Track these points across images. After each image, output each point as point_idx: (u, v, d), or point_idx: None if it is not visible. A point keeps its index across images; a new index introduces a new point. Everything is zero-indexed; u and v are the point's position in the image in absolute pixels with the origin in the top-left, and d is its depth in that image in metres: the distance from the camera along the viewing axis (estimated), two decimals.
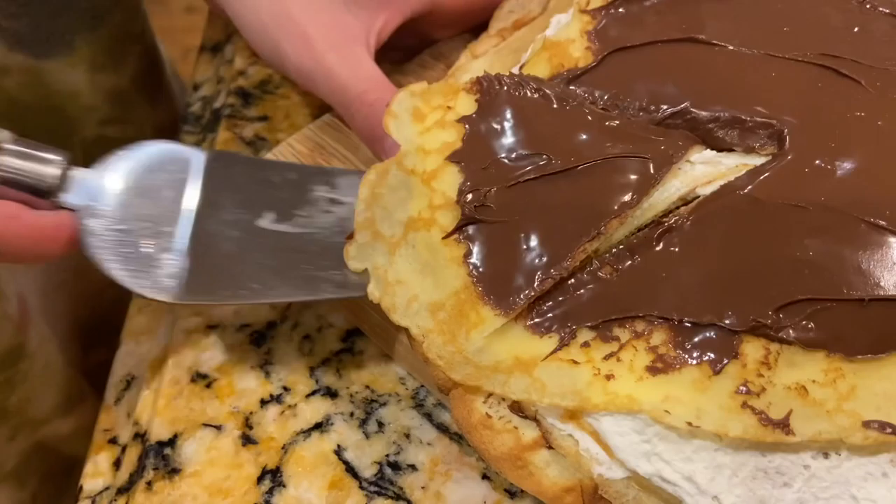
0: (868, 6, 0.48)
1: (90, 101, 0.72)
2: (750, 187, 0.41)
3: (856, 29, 0.47)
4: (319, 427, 0.47)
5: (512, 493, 0.44)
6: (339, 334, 0.51)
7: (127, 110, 0.75)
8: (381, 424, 0.47)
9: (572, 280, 0.41)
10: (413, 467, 0.45)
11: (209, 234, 0.45)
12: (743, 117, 0.44)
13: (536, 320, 0.40)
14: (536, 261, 0.41)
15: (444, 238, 0.42)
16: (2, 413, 0.71)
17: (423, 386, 0.48)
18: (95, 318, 0.76)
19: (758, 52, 0.46)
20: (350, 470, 0.45)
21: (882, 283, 0.38)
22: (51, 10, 0.66)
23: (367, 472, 0.45)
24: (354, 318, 0.50)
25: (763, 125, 0.43)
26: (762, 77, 0.45)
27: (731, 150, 0.44)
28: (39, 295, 0.74)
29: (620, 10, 0.48)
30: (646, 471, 0.38)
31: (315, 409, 0.48)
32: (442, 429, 0.47)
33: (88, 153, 0.68)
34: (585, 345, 0.39)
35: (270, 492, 0.45)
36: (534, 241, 0.41)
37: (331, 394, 0.48)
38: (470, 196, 0.43)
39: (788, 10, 0.47)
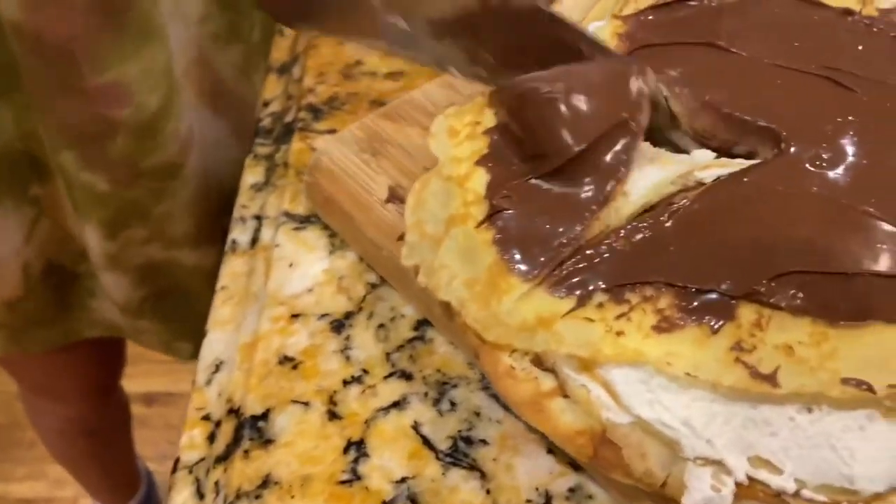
0: (875, 29, 0.53)
1: None
2: (750, 176, 0.47)
3: (860, 47, 0.52)
4: (397, 405, 0.52)
5: (575, 466, 0.48)
6: (411, 324, 0.56)
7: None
8: (453, 404, 0.51)
9: (590, 251, 0.46)
10: (484, 441, 0.50)
11: None
12: (748, 119, 0.49)
13: (558, 284, 0.46)
14: (554, 233, 0.47)
15: (476, 226, 0.48)
16: (144, 215, 0.82)
17: None
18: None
19: (768, 61, 0.51)
20: (427, 443, 0.50)
21: (864, 260, 0.43)
22: None
23: (443, 445, 0.50)
24: (423, 308, 0.56)
25: (764, 129, 0.49)
26: (769, 84, 0.50)
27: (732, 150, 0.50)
28: (206, 138, 0.84)
29: (650, 17, 0.55)
30: (648, 416, 0.42)
31: (392, 390, 0.52)
32: (509, 408, 0.51)
33: None
34: (600, 306, 0.45)
35: (356, 461, 0.49)
36: (551, 219, 0.47)
37: (406, 376, 0.53)
38: (496, 191, 0.49)
39: (801, 28, 0.53)
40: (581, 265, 0.46)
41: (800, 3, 0.55)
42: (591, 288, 0.45)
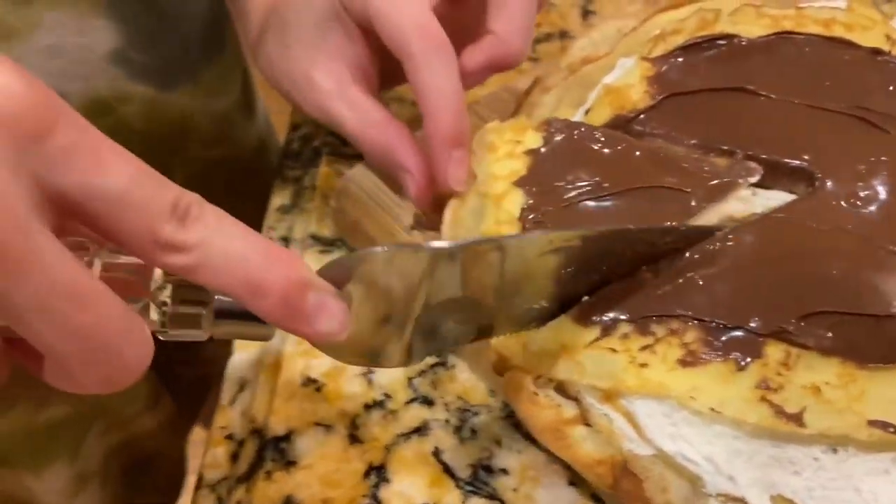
0: None
1: (200, 125, 0.74)
2: (783, 212, 0.47)
3: (890, 87, 0.52)
4: (418, 431, 0.51)
5: (596, 498, 0.47)
6: None
7: (228, 131, 0.78)
8: (474, 431, 0.51)
9: (618, 282, 0.46)
10: (504, 471, 0.49)
11: None
12: (781, 161, 0.49)
13: (584, 313, 0.45)
14: None
15: None
16: (101, 408, 0.75)
17: None
18: None
19: (799, 102, 0.51)
20: (447, 470, 0.49)
21: None
22: (182, 43, 0.69)
23: (463, 473, 0.49)
24: None
25: (798, 169, 0.49)
26: (801, 125, 0.51)
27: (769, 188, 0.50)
28: None
29: (679, 59, 0.55)
30: (670, 449, 0.42)
31: (414, 415, 0.52)
32: (530, 438, 0.50)
33: (189, 174, 0.72)
34: (624, 336, 0.44)
35: (377, 486, 0.49)
36: None
37: (427, 402, 0.53)
38: (530, 214, 0.49)
39: (830, 68, 0.53)
40: (608, 295, 0.46)
41: (829, 42, 0.55)
42: (616, 319, 0.45)
